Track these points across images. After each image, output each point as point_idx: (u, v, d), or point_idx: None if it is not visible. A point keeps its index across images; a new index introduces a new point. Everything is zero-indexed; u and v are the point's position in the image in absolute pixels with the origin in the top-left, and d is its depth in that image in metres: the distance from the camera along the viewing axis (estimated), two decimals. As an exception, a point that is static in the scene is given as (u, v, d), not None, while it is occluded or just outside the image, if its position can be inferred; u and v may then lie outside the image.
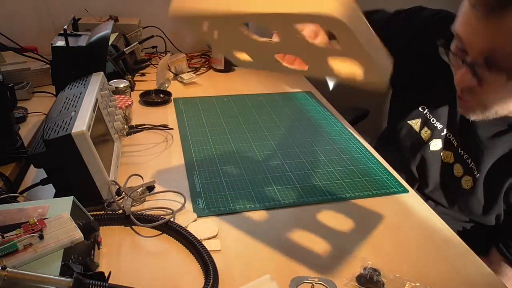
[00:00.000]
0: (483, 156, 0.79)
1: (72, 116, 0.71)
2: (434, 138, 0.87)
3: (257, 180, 0.86)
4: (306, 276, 0.63)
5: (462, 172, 0.83)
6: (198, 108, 1.19)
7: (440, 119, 0.87)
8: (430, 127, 0.88)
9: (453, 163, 0.84)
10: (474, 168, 0.81)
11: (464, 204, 0.83)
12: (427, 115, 0.88)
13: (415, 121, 0.90)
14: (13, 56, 1.21)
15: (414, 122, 0.90)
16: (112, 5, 1.54)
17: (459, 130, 0.84)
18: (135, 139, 0.99)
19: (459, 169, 0.83)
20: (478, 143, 0.80)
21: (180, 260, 0.65)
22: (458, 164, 0.84)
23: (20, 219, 0.55)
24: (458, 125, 0.84)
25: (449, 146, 0.85)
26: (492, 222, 0.81)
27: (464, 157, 0.83)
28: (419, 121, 0.90)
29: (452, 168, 0.85)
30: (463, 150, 0.83)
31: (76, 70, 0.89)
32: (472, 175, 0.81)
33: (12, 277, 0.43)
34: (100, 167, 0.70)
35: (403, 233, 0.74)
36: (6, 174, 0.82)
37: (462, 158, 0.83)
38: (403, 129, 0.93)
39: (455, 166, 0.84)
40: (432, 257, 0.68)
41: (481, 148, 0.79)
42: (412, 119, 0.91)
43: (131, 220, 0.69)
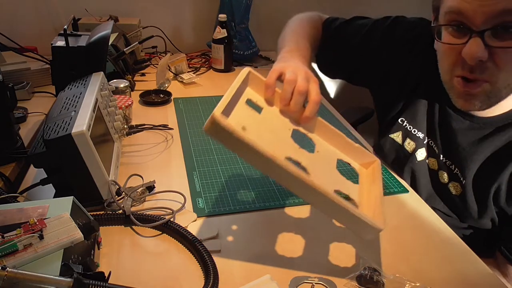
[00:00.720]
0: (467, 163, 0.77)
1: (72, 116, 0.71)
2: (418, 148, 0.86)
3: (257, 180, 0.86)
4: (306, 276, 0.63)
5: (447, 178, 0.81)
6: (198, 108, 1.19)
7: (420, 128, 0.85)
8: (413, 138, 0.86)
9: (437, 169, 0.83)
10: (459, 175, 0.79)
11: (459, 209, 0.82)
12: (406, 127, 0.87)
13: (396, 134, 0.89)
14: (13, 56, 1.21)
15: (396, 135, 0.89)
16: (112, 5, 1.54)
17: (440, 138, 0.82)
18: (135, 139, 0.99)
19: (444, 176, 0.82)
20: (460, 150, 0.78)
21: (180, 260, 0.65)
22: (442, 171, 0.82)
23: (20, 219, 0.55)
24: (438, 133, 0.82)
25: (432, 153, 0.84)
26: (488, 225, 0.79)
27: (447, 164, 0.81)
28: (400, 134, 0.88)
29: (438, 175, 0.83)
30: (445, 157, 0.81)
31: (76, 70, 0.89)
32: (459, 181, 0.80)
33: (12, 277, 0.43)
34: (100, 167, 0.70)
35: (403, 233, 0.74)
36: (6, 174, 0.82)
37: (446, 165, 0.82)
38: (387, 144, 0.92)
39: (439, 173, 0.83)
40: (432, 257, 0.68)
41: (463, 155, 0.77)
42: (393, 132, 0.90)
43: (131, 220, 0.69)
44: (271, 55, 1.69)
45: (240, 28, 1.58)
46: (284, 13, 1.82)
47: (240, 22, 1.57)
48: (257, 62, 1.63)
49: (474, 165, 0.76)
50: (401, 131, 0.88)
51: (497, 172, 0.74)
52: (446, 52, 0.69)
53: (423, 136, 0.85)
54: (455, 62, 0.67)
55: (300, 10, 1.78)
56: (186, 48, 1.63)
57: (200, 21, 1.68)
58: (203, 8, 1.66)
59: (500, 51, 0.62)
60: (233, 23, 1.57)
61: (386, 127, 0.92)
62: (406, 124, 0.87)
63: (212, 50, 1.50)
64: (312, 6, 1.76)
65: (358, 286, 0.61)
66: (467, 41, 0.62)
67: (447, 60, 0.70)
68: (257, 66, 1.59)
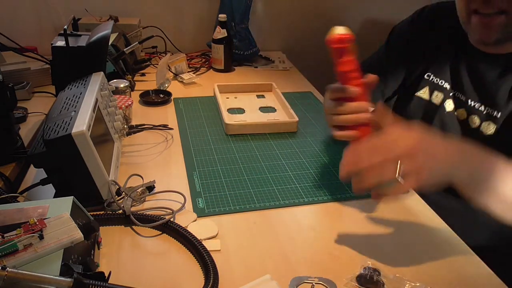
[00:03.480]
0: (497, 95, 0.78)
1: (72, 116, 0.71)
2: (446, 99, 0.87)
3: (257, 180, 0.86)
4: (306, 276, 0.63)
5: (479, 121, 0.82)
6: (198, 108, 1.19)
7: (446, 78, 0.88)
8: (440, 89, 0.89)
9: (467, 117, 0.84)
10: (490, 112, 0.80)
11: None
12: (433, 80, 0.90)
13: (422, 91, 0.91)
14: (13, 56, 1.21)
15: (422, 92, 0.91)
16: (112, 5, 1.54)
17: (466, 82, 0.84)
18: (135, 139, 0.99)
19: (474, 119, 0.82)
20: (488, 86, 0.80)
21: (180, 260, 0.65)
22: (472, 115, 0.83)
23: (20, 219, 0.55)
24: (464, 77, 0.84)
25: (459, 104, 0.85)
26: None
27: (476, 107, 0.82)
28: (427, 89, 0.91)
29: (468, 123, 0.84)
30: (473, 100, 0.83)
31: (76, 70, 0.89)
32: (491, 119, 0.79)
33: (12, 277, 0.43)
34: (100, 167, 0.70)
35: (403, 233, 0.74)
36: (6, 174, 0.82)
37: (474, 108, 0.82)
38: (412, 104, 0.94)
39: (469, 119, 0.83)
40: (432, 257, 0.68)
41: (492, 89, 0.79)
42: (420, 90, 0.92)
43: (131, 220, 0.69)
44: (271, 55, 1.69)
45: (240, 28, 1.58)
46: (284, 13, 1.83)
47: (240, 22, 1.57)
48: (257, 62, 1.63)
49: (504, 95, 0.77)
50: (427, 86, 0.91)
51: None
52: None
53: (449, 86, 0.87)
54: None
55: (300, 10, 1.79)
56: (186, 48, 1.63)
57: (200, 21, 1.68)
58: (203, 8, 1.66)
59: None
60: (233, 23, 1.57)
61: (410, 88, 0.95)
62: (432, 77, 0.90)
63: (212, 50, 1.50)
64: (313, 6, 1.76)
65: (358, 286, 0.61)
66: None
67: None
68: (257, 66, 1.59)
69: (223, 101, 1.17)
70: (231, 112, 1.16)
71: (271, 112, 1.17)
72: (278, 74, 1.54)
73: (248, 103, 1.22)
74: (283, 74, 1.55)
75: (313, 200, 0.81)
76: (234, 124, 1.04)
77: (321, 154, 0.97)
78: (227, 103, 1.21)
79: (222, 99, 1.19)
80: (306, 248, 0.69)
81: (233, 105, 1.20)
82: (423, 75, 0.92)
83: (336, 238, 0.71)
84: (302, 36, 1.82)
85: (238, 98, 1.25)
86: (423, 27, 0.93)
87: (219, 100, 1.16)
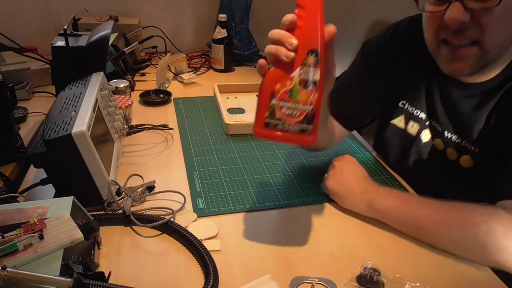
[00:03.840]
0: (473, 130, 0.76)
1: (72, 116, 0.71)
2: (422, 129, 0.85)
3: (257, 180, 0.86)
4: (306, 276, 0.63)
5: (456, 154, 0.80)
6: (198, 108, 1.19)
7: (421, 108, 0.84)
8: (415, 120, 0.85)
9: (444, 148, 0.82)
10: (467, 145, 0.77)
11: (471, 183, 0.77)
12: (408, 109, 0.86)
13: (398, 119, 0.88)
14: (13, 56, 1.21)
15: (398, 120, 0.88)
16: (112, 5, 1.54)
17: (442, 114, 0.81)
18: (135, 139, 0.99)
19: (452, 152, 0.80)
20: (464, 119, 0.77)
21: (180, 260, 0.65)
22: (449, 147, 0.81)
23: (20, 219, 0.55)
24: (439, 109, 0.81)
25: (436, 134, 0.83)
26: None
27: (453, 139, 0.80)
28: (402, 118, 0.88)
29: (445, 154, 0.82)
30: (450, 132, 0.80)
31: (76, 70, 0.89)
32: (469, 152, 0.77)
33: (12, 277, 0.43)
34: (100, 167, 0.70)
35: (403, 233, 0.73)
36: (6, 174, 0.82)
37: (451, 140, 0.80)
38: (388, 132, 0.91)
39: (446, 151, 0.81)
40: (432, 257, 0.68)
41: (467, 123, 0.76)
42: (395, 117, 0.89)
43: (131, 220, 0.69)
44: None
45: (240, 28, 1.58)
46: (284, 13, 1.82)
47: (240, 22, 1.57)
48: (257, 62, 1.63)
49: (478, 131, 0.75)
50: (403, 114, 0.88)
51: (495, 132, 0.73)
52: (429, 19, 0.71)
53: (425, 116, 0.84)
54: (438, 27, 0.69)
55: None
56: (186, 48, 1.63)
57: (200, 21, 1.68)
58: (203, 8, 1.66)
59: (482, 12, 0.63)
60: (233, 23, 1.57)
61: (386, 114, 0.91)
62: (408, 106, 0.86)
63: (212, 50, 1.50)
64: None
65: (358, 286, 0.61)
66: (448, 7, 0.64)
67: (431, 26, 0.71)
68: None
69: (223, 101, 1.17)
70: (231, 112, 1.16)
71: (271, 112, 1.17)
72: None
73: (248, 103, 1.22)
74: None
75: (313, 200, 0.81)
76: (234, 124, 1.04)
77: (321, 154, 0.97)
78: (227, 103, 1.21)
79: (222, 99, 1.19)
80: (306, 248, 0.69)
81: (233, 105, 1.20)
82: (398, 102, 0.88)
83: (336, 238, 0.71)
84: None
85: (238, 98, 1.25)
86: (398, 46, 0.86)
87: (219, 100, 1.16)
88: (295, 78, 0.57)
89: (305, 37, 0.56)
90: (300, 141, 0.62)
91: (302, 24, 0.56)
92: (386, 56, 0.87)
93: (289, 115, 0.58)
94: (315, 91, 0.57)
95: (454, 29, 0.66)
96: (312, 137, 0.60)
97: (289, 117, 0.58)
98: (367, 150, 1.01)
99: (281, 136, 0.59)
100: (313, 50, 0.56)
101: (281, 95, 0.57)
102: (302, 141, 0.61)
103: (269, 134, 0.59)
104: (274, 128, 0.59)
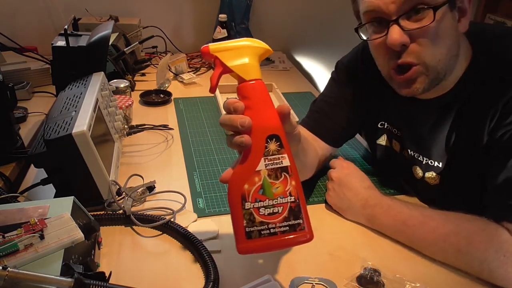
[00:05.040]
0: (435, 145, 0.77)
1: (73, 116, 0.71)
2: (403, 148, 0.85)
3: (257, 180, 0.86)
4: (307, 276, 0.63)
5: (421, 172, 0.81)
6: (198, 108, 1.19)
7: (397, 127, 0.85)
8: (396, 139, 0.86)
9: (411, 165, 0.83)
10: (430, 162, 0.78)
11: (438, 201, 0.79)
12: (388, 128, 0.87)
13: (381, 138, 0.89)
14: (13, 56, 1.21)
15: (381, 139, 0.89)
16: (112, 5, 1.54)
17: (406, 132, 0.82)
18: (136, 139, 0.99)
19: (417, 170, 0.82)
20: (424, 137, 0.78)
21: (180, 260, 0.65)
22: (415, 165, 0.82)
23: (21, 219, 0.55)
24: (404, 127, 0.82)
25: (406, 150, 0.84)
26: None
27: (416, 156, 0.81)
28: (385, 137, 0.88)
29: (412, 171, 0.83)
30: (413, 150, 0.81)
31: (77, 70, 0.90)
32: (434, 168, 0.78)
33: (13, 277, 0.43)
34: (100, 167, 0.70)
35: (403, 234, 0.74)
36: (6, 174, 0.82)
37: (415, 158, 0.81)
38: (377, 151, 0.92)
39: (413, 168, 0.83)
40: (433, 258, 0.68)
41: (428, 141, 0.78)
42: (379, 137, 0.89)
43: (132, 220, 0.69)
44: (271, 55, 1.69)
45: (240, 28, 1.58)
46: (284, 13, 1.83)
47: (240, 22, 1.57)
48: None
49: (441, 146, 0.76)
50: (385, 134, 0.88)
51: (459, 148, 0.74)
52: (375, 48, 0.73)
53: (400, 134, 0.85)
54: (385, 55, 0.71)
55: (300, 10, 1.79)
56: (186, 48, 1.63)
57: (200, 21, 1.68)
58: (203, 8, 1.66)
59: (419, 31, 0.65)
60: (233, 23, 1.57)
61: (369, 136, 0.92)
62: (387, 125, 0.87)
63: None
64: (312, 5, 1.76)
65: (359, 286, 0.61)
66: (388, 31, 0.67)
67: (379, 55, 0.73)
68: (257, 66, 1.59)
69: (223, 101, 1.17)
70: (231, 112, 1.16)
71: (271, 112, 1.17)
72: (278, 74, 1.54)
73: (248, 103, 1.22)
74: (283, 74, 1.55)
75: (313, 200, 0.81)
76: None
77: (321, 154, 0.97)
78: (227, 103, 1.21)
79: (222, 99, 1.19)
80: (306, 248, 0.69)
81: (233, 105, 1.20)
82: (377, 123, 0.88)
83: (336, 238, 0.71)
84: (302, 36, 1.83)
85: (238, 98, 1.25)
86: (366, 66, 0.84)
87: (219, 100, 1.16)
88: (262, 172, 0.50)
89: (259, 125, 0.50)
90: (296, 241, 0.51)
91: (251, 113, 0.51)
92: (357, 76, 0.88)
93: (270, 215, 0.50)
94: (290, 179, 0.50)
95: (398, 52, 0.68)
96: (306, 232, 0.50)
97: (271, 217, 0.50)
98: (366, 150, 1.01)
99: (272, 243, 0.50)
100: (271, 136, 0.50)
101: (253, 196, 0.49)
102: (298, 240, 0.50)
103: (256, 245, 0.50)
104: (260, 237, 0.49)
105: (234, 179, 0.51)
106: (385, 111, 0.86)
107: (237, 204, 0.50)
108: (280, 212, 0.50)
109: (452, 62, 0.70)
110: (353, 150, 1.01)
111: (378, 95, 0.85)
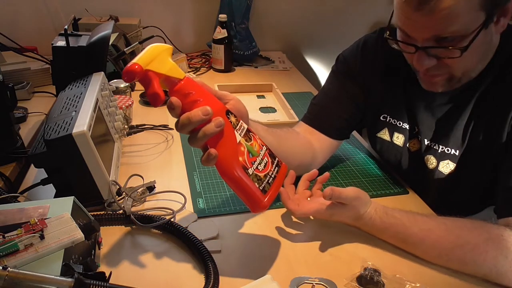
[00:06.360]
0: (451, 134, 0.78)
1: (73, 116, 0.71)
2: (409, 140, 0.86)
3: (258, 180, 0.86)
4: (307, 276, 0.63)
5: (435, 162, 0.81)
6: (198, 108, 1.18)
7: (403, 120, 0.86)
8: (400, 131, 0.87)
9: (423, 155, 0.83)
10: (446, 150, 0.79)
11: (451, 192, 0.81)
12: (391, 122, 0.87)
13: (382, 132, 0.89)
14: (13, 56, 1.21)
15: (382, 133, 0.89)
16: (112, 5, 1.54)
17: (421, 122, 0.83)
18: (136, 139, 0.99)
19: (431, 160, 0.82)
20: (442, 123, 0.80)
21: (180, 260, 0.65)
22: (428, 155, 0.82)
23: (21, 219, 0.55)
24: (418, 117, 0.83)
25: (421, 143, 0.84)
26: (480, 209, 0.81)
27: (433, 146, 0.82)
28: (386, 131, 0.89)
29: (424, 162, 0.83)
30: (430, 140, 0.82)
31: (77, 70, 0.90)
32: (450, 157, 0.79)
33: (13, 277, 0.43)
34: (100, 167, 0.70)
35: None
36: (6, 174, 0.82)
37: (431, 148, 0.82)
38: (377, 144, 0.92)
39: (425, 158, 0.83)
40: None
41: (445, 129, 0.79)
42: (379, 131, 0.90)
43: (132, 220, 0.69)
44: (271, 55, 1.69)
45: (240, 28, 1.58)
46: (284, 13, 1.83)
47: (240, 22, 1.57)
48: (257, 62, 1.63)
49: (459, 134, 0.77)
50: (386, 127, 0.89)
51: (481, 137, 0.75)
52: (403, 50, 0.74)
53: (409, 127, 0.85)
54: (412, 60, 0.73)
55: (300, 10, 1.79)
56: (186, 48, 1.63)
57: (200, 21, 1.68)
58: (203, 8, 1.66)
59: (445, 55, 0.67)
60: (233, 23, 1.57)
61: (370, 129, 0.93)
62: (390, 119, 0.87)
63: (212, 50, 1.50)
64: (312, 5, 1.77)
65: (359, 286, 0.61)
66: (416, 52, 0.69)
67: (407, 56, 0.75)
68: (257, 66, 1.60)
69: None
70: (231, 112, 1.16)
71: (271, 113, 1.17)
72: (278, 74, 1.54)
73: (248, 103, 1.20)
74: (283, 74, 1.55)
75: (314, 201, 0.81)
76: None
77: (321, 154, 0.97)
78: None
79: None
80: (307, 248, 0.69)
81: (233, 105, 1.20)
82: (379, 116, 0.89)
83: (336, 239, 0.71)
84: (302, 36, 1.83)
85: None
86: (368, 59, 0.87)
87: (219, 100, 1.16)
88: (241, 141, 0.58)
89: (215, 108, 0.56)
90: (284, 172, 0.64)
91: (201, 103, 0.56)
92: (357, 69, 0.88)
93: (265, 167, 0.60)
94: (254, 135, 0.61)
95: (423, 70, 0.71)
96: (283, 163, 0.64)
97: (266, 168, 0.60)
98: (367, 150, 1.01)
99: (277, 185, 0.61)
100: (227, 112, 0.58)
101: (249, 162, 0.58)
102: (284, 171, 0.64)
103: (271, 194, 0.59)
104: (270, 186, 0.59)
105: (228, 160, 0.57)
106: (387, 104, 0.87)
107: (243, 176, 0.57)
108: (267, 161, 0.61)
109: (479, 66, 0.72)
110: (355, 149, 1.01)
111: (379, 88, 0.86)
